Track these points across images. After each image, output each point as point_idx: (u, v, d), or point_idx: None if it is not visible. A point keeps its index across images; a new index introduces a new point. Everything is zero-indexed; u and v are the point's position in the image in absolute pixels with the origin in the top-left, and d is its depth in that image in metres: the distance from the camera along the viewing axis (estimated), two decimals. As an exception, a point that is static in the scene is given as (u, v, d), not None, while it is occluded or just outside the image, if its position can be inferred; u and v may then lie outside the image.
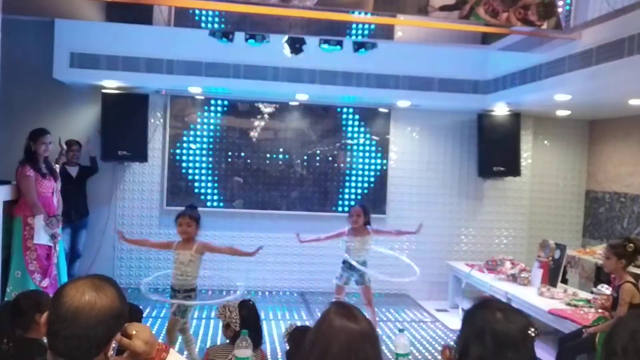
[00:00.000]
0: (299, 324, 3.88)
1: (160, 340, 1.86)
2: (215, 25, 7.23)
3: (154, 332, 1.84)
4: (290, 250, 7.73)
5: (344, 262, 5.96)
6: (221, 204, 7.96)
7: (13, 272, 5.70)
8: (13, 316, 3.17)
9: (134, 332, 1.75)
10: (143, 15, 7.15)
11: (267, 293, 7.90)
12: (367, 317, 1.98)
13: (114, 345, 1.70)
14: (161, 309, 6.63)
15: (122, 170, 7.81)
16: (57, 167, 6.37)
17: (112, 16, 7.13)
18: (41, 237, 5.74)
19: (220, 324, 3.86)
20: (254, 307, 3.87)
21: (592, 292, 5.91)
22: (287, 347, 3.61)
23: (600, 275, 6.46)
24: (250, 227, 7.97)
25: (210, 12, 7.29)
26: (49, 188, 5.92)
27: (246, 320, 3.66)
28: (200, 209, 7.63)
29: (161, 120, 7.87)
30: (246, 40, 6.59)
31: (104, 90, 7.39)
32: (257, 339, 3.60)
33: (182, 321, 4.90)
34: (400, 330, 3.30)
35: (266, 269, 7.96)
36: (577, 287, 6.60)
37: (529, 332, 1.96)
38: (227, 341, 3.75)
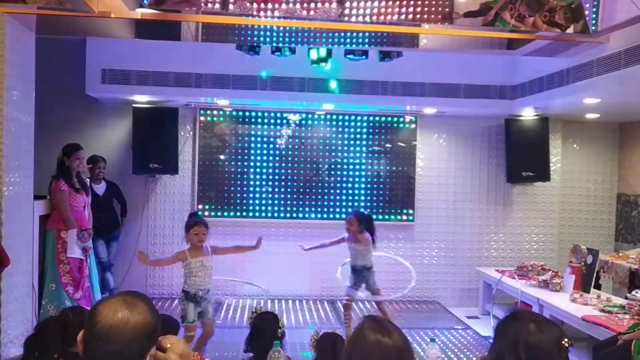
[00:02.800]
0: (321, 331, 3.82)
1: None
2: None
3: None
4: (320, 258, 7.74)
5: (351, 266, 6.25)
6: (250, 213, 8.04)
7: (47, 285, 5.85)
8: (60, 330, 3.22)
9: (168, 346, 1.77)
10: (171, 32, 7.30)
11: (297, 301, 7.94)
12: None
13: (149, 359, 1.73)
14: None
15: (154, 182, 7.95)
16: (88, 181, 6.54)
17: (141, 33, 7.29)
18: (74, 251, 5.88)
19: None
20: (271, 319, 3.78)
21: (626, 298, 5.81)
22: (315, 354, 3.60)
23: (634, 280, 6.37)
24: (279, 235, 8.03)
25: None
26: (81, 202, 6.08)
27: (255, 328, 3.69)
28: (230, 219, 7.92)
29: (191, 132, 8.00)
30: (272, 52, 6.67)
31: (134, 105, 7.55)
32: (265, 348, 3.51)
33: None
34: (432, 340, 3.32)
35: (296, 277, 8.02)
36: (611, 293, 6.50)
37: (563, 342, 1.96)
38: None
